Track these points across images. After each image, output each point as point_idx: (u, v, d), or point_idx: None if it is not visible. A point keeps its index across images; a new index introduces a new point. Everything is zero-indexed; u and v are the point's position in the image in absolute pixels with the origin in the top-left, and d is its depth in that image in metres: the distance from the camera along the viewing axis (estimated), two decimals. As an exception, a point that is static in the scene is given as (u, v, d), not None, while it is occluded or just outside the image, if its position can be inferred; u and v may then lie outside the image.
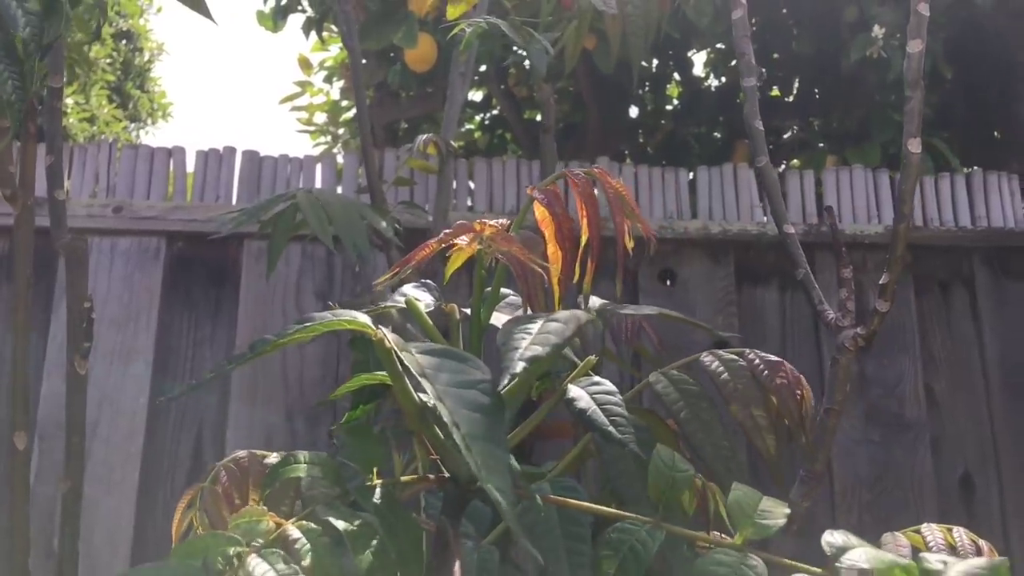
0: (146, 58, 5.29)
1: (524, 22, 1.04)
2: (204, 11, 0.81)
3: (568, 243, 0.72)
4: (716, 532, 0.78)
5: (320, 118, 3.28)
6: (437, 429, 0.66)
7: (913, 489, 2.10)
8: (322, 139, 3.39)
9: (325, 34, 2.97)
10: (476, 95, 3.65)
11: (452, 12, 1.05)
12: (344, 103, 3.40)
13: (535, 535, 0.71)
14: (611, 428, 0.67)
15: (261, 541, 0.61)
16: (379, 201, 1.15)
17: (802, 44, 2.98)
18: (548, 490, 0.74)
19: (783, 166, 3.23)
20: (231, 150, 2.23)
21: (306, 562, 0.59)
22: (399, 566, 0.63)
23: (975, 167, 2.97)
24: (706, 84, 3.74)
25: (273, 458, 0.77)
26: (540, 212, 0.72)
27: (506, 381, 0.60)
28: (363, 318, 0.63)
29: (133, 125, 5.29)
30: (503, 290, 0.81)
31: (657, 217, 2.26)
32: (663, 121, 3.65)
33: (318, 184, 2.23)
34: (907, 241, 0.83)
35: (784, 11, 3.04)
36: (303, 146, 3.66)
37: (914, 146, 0.80)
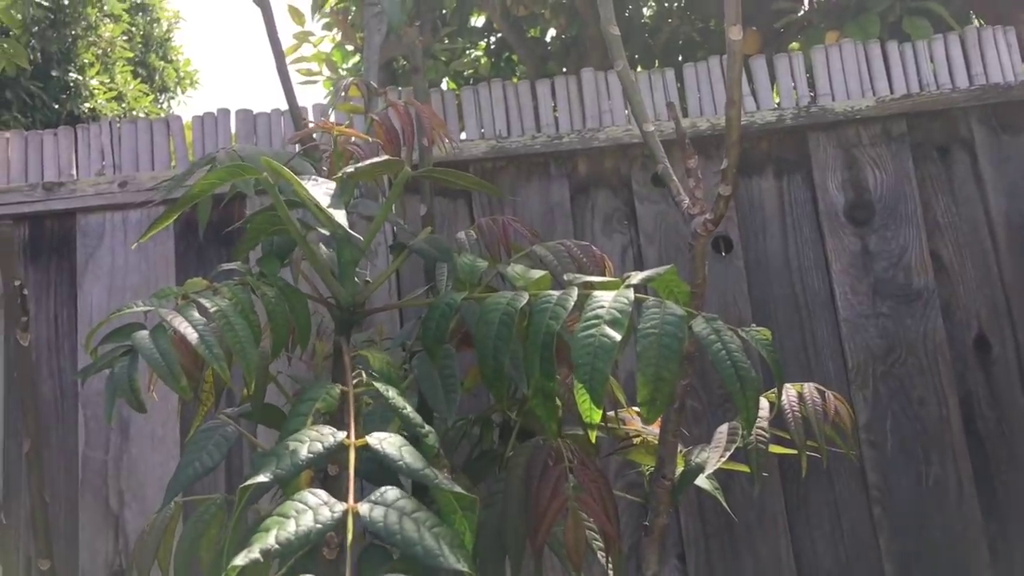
0: (164, 28, 5.39)
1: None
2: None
3: (389, 142, 0.94)
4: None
5: (325, 68, 3.33)
6: (318, 259, 0.82)
7: (927, 356, 2.11)
8: (332, 88, 3.44)
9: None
10: (478, 21, 3.65)
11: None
12: (349, 48, 3.44)
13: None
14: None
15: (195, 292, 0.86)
16: (309, 149, 1.21)
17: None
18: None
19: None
20: (225, 112, 2.31)
21: (213, 309, 0.74)
22: (294, 317, 0.78)
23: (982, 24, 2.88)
24: (709, -24, 3.66)
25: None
26: (377, 127, 0.86)
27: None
28: (254, 168, 0.76)
29: (163, 97, 5.43)
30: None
31: (647, 120, 2.26)
32: (669, 20, 3.60)
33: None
34: (740, 124, 0.84)
35: None
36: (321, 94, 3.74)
37: (735, 33, 0.81)
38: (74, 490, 2.04)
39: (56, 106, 4.19)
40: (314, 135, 1.25)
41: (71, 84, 4.23)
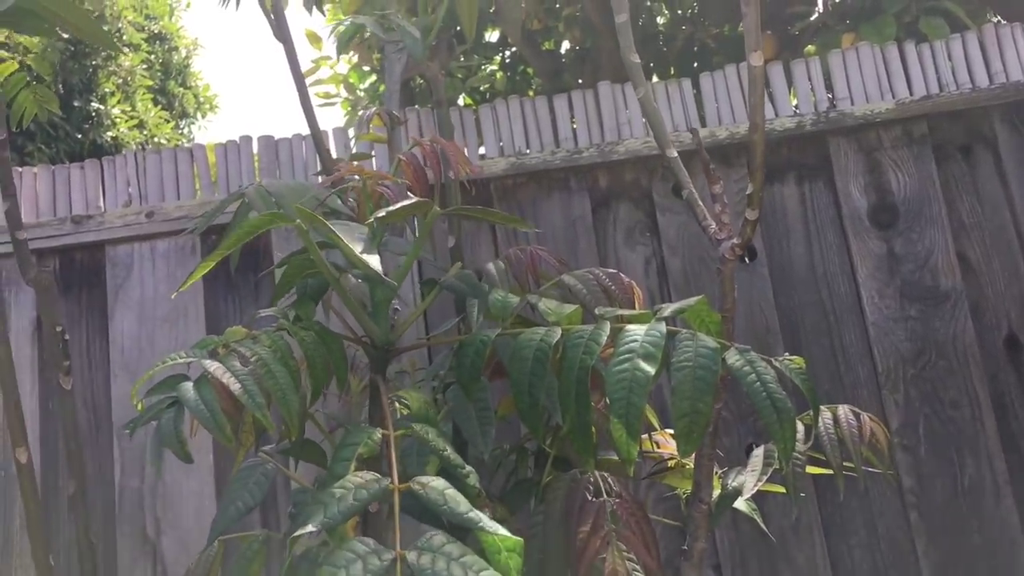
0: (183, 55, 5.45)
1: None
2: (108, 43, 0.88)
3: (417, 181, 1.03)
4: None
5: (343, 89, 3.36)
6: (352, 301, 0.84)
7: (958, 357, 2.10)
8: (350, 108, 3.47)
9: (328, 6, 3.03)
10: (492, 36, 3.67)
11: (346, 7, 1.14)
12: (366, 68, 3.46)
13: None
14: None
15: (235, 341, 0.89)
16: (335, 181, 1.23)
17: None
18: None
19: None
20: (247, 139, 2.33)
21: (254, 357, 0.75)
22: (331, 359, 0.80)
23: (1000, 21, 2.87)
24: (722, -19, 3.65)
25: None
26: (405, 166, 0.88)
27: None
28: (288, 215, 0.78)
29: (184, 123, 5.48)
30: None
31: (666, 131, 2.26)
32: (683, 27, 3.60)
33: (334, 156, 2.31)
34: (764, 149, 0.85)
35: None
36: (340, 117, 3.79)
37: (756, 59, 0.82)
38: (111, 519, 2.06)
39: (79, 136, 4.25)
40: (337, 171, 1.27)
41: (93, 113, 4.29)
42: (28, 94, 1.85)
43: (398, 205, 0.86)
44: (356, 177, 0.94)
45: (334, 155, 2.30)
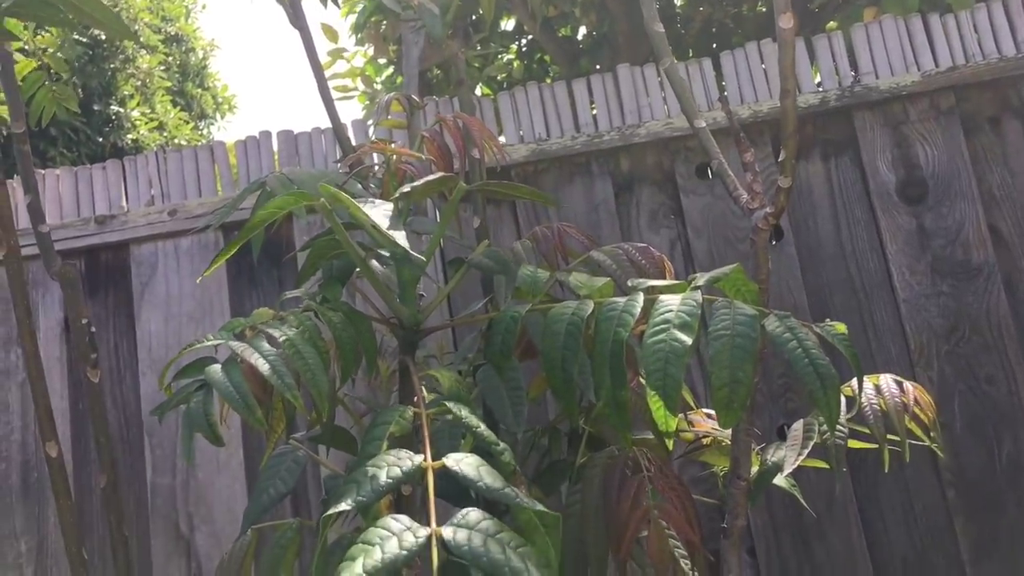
0: (200, 56, 5.46)
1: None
2: (127, 34, 0.88)
3: (441, 158, 0.98)
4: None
5: (360, 82, 3.35)
6: (379, 282, 0.83)
7: (992, 332, 2.06)
8: (367, 102, 3.46)
9: (343, -1, 3.02)
10: (508, 24, 3.65)
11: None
12: (382, 61, 3.45)
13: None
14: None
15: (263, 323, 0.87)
16: (355, 166, 1.21)
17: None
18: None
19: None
20: (267, 134, 2.33)
21: (282, 338, 0.74)
22: (360, 340, 0.79)
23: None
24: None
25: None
26: (428, 143, 0.87)
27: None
28: (310, 194, 0.76)
29: (203, 123, 5.50)
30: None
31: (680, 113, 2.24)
32: (701, 8, 3.56)
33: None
34: (796, 114, 0.82)
35: None
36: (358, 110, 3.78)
37: (785, 21, 0.79)
38: (145, 517, 2.07)
39: (100, 139, 4.27)
40: (357, 151, 1.25)
41: (113, 117, 4.31)
42: (46, 92, 1.85)
43: (423, 180, 0.84)
44: (375, 158, 0.92)
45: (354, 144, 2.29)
